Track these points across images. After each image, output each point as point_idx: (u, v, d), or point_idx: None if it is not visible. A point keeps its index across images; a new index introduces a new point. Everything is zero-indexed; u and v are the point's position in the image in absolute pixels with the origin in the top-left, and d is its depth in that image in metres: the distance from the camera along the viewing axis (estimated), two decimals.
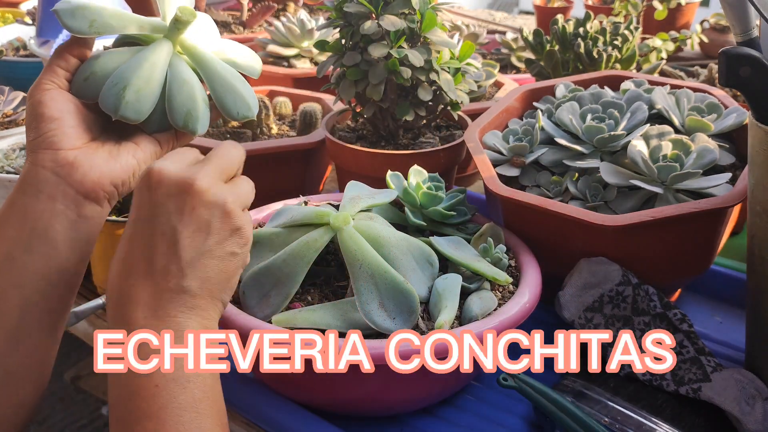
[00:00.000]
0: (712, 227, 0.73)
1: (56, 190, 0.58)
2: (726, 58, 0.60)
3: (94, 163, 0.60)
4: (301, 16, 1.39)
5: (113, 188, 0.61)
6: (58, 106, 0.60)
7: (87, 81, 0.63)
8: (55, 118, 0.59)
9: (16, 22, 1.54)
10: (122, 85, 0.62)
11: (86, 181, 0.59)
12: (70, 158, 0.59)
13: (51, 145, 0.59)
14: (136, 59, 0.64)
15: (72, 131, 0.60)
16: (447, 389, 0.69)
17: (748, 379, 0.67)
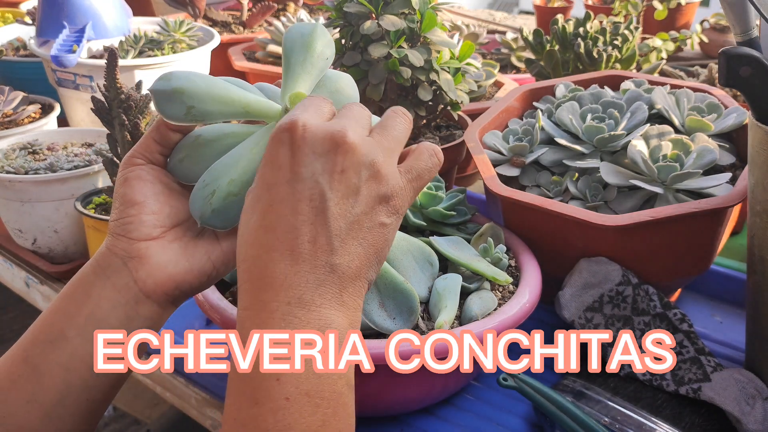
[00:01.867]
0: (712, 227, 0.73)
1: (121, 282, 0.54)
2: (726, 58, 0.60)
3: (163, 262, 0.54)
4: (301, 16, 1.39)
5: (178, 292, 0.55)
6: (143, 188, 0.55)
7: (182, 162, 0.57)
8: (136, 203, 0.54)
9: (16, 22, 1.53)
10: (211, 190, 0.54)
11: (149, 281, 0.54)
12: (141, 251, 0.54)
13: (127, 232, 0.54)
14: (234, 155, 0.55)
15: (151, 219, 0.55)
16: (447, 389, 0.69)
17: (748, 379, 0.67)
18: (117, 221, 0.55)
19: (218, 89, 0.55)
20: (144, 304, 0.54)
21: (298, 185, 0.45)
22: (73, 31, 1.22)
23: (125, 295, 0.54)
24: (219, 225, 0.55)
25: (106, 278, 0.54)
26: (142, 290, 0.54)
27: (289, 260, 0.44)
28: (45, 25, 1.24)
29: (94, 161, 0.98)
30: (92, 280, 0.55)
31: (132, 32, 1.34)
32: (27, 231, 0.97)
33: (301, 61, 0.56)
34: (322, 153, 0.45)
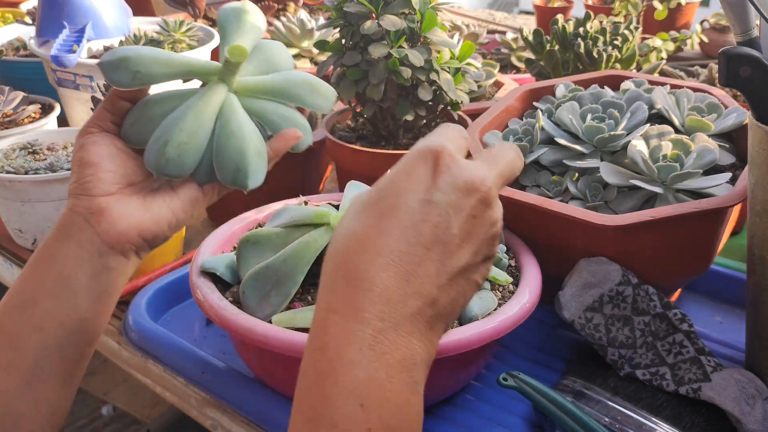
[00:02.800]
0: (712, 227, 0.73)
1: (84, 237, 0.57)
2: (726, 58, 0.60)
3: (124, 212, 0.58)
4: (301, 16, 1.39)
5: (141, 240, 0.59)
6: (98, 150, 0.59)
7: (134, 127, 0.61)
8: (93, 164, 0.58)
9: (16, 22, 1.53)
10: (164, 141, 0.59)
11: (112, 231, 0.57)
12: (101, 205, 0.57)
13: (86, 191, 0.58)
14: (183, 109, 0.60)
15: (107, 176, 0.58)
16: (447, 389, 0.69)
17: (748, 379, 0.67)
18: (76, 183, 0.58)
19: (160, 54, 0.61)
20: (109, 255, 0.58)
21: (429, 207, 0.42)
22: (73, 31, 1.22)
23: (89, 250, 0.57)
24: (174, 173, 0.60)
25: (69, 237, 0.57)
26: (106, 242, 0.57)
27: (395, 273, 0.41)
28: (45, 25, 1.24)
29: None
30: (56, 243, 0.58)
31: (132, 32, 1.34)
32: (27, 231, 0.97)
33: (235, 29, 0.63)
34: (461, 189, 0.43)
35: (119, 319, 0.84)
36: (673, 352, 0.70)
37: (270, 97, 0.65)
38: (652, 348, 0.71)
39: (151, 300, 0.82)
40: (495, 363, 0.76)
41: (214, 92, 0.61)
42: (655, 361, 0.70)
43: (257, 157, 0.61)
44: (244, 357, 0.69)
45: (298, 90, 0.65)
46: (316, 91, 0.66)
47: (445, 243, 0.42)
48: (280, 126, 0.65)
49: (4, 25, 1.54)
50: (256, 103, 0.64)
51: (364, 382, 0.39)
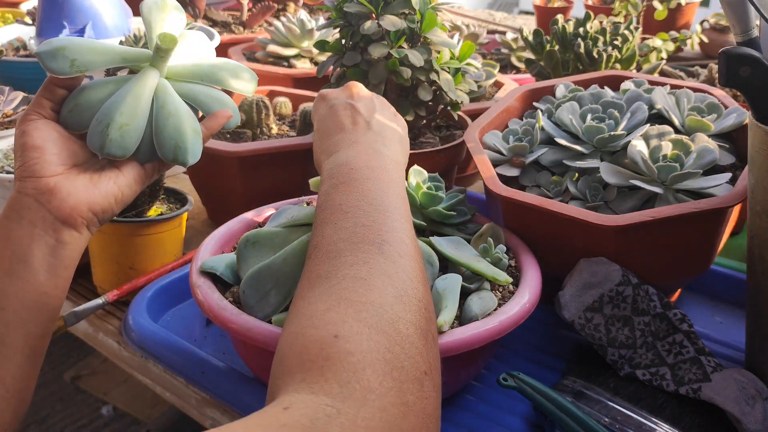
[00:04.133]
0: (712, 227, 0.73)
1: (36, 216, 0.60)
2: (726, 58, 0.60)
3: (73, 189, 0.61)
4: (301, 16, 1.39)
5: (92, 214, 0.62)
6: (41, 135, 0.62)
7: (72, 112, 0.64)
8: (37, 147, 0.61)
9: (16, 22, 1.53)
10: (106, 123, 0.63)
11: (64, 207, 0.60)
12: (50, 185, 0.61)
13: (33, 173, 0.61)
14: (121, 93, 0.65)
15: (53, 158, 0.62)
16: (447, 389, 0.69)
17: (748, 379, 0.66)
18: (22, 167, 0.61)
19: (96, 43, 0.66)
20: (62, 230, 0.61)
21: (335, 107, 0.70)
22: (73, 31, 1.22)
23: (42, 227, 0.60)
24: (118, 153, 0.63)
25: (20, 218, 0.60)
26: (58, 218, 0.60)
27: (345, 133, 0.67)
28: (45, 25, 1.23)
29: None
30: (7, 224, 0.60)
31: (132, 32, 1.33)
32: None
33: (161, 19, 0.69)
34: (341, 91, 0.72)
35: (119, 319, 0.84)
36: (673, 352, 0.70)
37: (198, 81, 0.70)
38: (652, 348, 0.71)
39: (151, 300, 0.82)
40: (495, 363, 0.76)
41: (147, 77, 0.66)
42: (655, 361, 0.70)
43: (194, 135, 0.67)
44: (244, 357, 0.69)
45: (224, 74, 0.71)
46: (238, 75, 0.72)
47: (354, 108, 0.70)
48: (211, 107, 0.70)
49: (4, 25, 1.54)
50: (186, 87, 0.69)
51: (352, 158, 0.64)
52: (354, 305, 0.45)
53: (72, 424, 1.69)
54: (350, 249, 0.51)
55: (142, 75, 0.66)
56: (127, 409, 1.70)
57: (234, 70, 0.72)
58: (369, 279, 0.47)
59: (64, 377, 1.81)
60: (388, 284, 0.47)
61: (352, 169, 0.60)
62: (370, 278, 0.47)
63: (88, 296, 0.88)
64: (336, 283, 0.47)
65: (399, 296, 0.47)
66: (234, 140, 1.01)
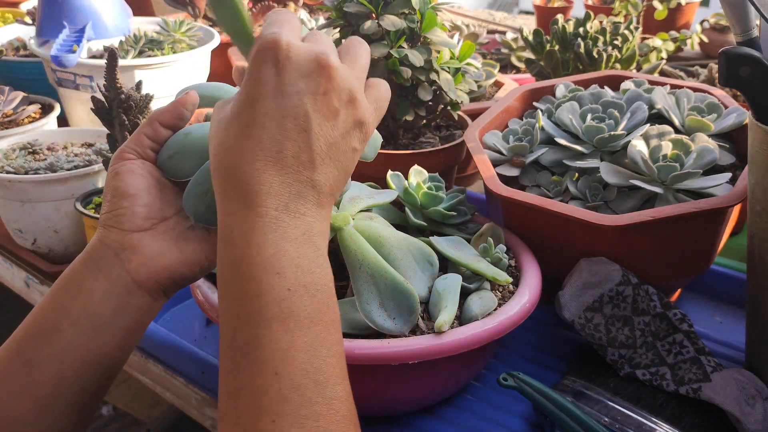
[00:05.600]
0: (712, 227, 0.73)
1: (113, 273, 0.55)
2: (726, 58, 0.60)
3: (156, 252, 0.55)
4: (301, 16, 1.39)
5: (171, 282, 0.56)
6: (134, 181, 0.56)
7: (172, 159, 0.58)
8: (128, 195, 0.55)
9: (16, 22, 1.53)
10: (205, 188, 0.55)
11: (142, 271, 0.55)
12: (133, 242, 0.55)
13: (119, 224, 0.55)
14: None
15: (143, 211, 0.55)
16: (447, 389, 0.69)
17: (748, 379, 0.67)
18: (109, 213, 0.56)
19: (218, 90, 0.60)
20: (136, 294, 0.55)
21: (284, 101, 0.46)
22: (73, 31, 1.22)
23: (117, 286, 0.55)
24: (213, 222, 0.56)
25: (98, 270, 0.55)
26: (135, 280, 0.55)
27: (274, 170, 0.46)
28: (45, 25, 1.24)
29: (94, 161, 0.98)
30: (84, 273, 0.55)
31: (132, 32, 1.34)
32: (27, 231, 0.97)
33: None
34: (306, 74, 0.47)
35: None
36: (673, 352, 0.70)
37: None
38: (652, 348, 0.71)
39: None
40: (495, 363, 0.76)
41: None
42: (655, 361, 0.70)
43: None
44: None
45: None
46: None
47: (308, 129, 0.47)
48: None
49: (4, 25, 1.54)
50: None
51: (275, 256, 0.45)
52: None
53: None
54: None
55: None
56: (127, 409, 1.70)
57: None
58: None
59: None
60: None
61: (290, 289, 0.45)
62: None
63: None
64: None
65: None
66: None
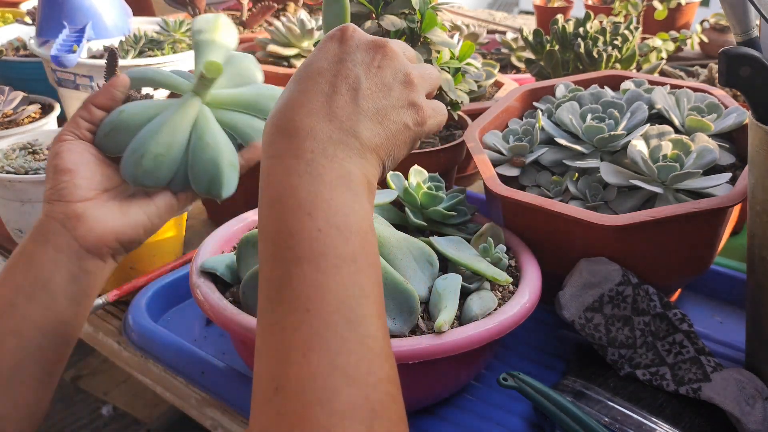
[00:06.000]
0: (712, 227, 0.73)
1: (62, 242, 0.58)
2: (726, 58, 0.60)
3: (102, 217, 0.60)
4: (301, 16, 1.39)
5: (118, 244, 0.61)
6: (73, 158, 0.61)
7: (108, 136, 0.63)
8: (68, 170, 0.60)
9: (16, 22, 1.53)
10: (140, 153, 0.61)
11: (90, 236, 0.59)
12: (78, 211, 0.59)
13: (62, 196, 0.59)
14: (159, 121, 0.63)
15: (84, 183, 0.60)
16: (447, 389, 0.69)
17: (748, 379, 0.67)
18: (52, 189, 0.60)
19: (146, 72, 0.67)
20: (86, 259, 0.59)
21: (339, 65, 0.50)
22: (73, 31, 1.22)
23: (67, 254, 0.58)
24: (150, 184, 0.62)
25: (46, 242, 0.58)
26: (84, 246, 0.59)
27: (318, 118, 0.48)
28: (45, 25, 1.24)
29: None
30: (32, 248, 0.59)
31: (132, 32, 1.34)
32: (27, 231, 0.96)
33: (209, 42, 0.67)
34: (365, 48, 0.51)
35: (119, 319, 0.84)
36: (673, 352, 0.70)
37: (241, 110, 0.68)
38: (652, 348, 0.71)
39: (151, 300, 0.82)
40: (495, 363, 0.76)
41: (188, 105, 0.64)
42: (655, 361, 0.70)
43: (230, 168, 0.65)
44: (244, 357, 0.69)
45: (269, 103, 0.68)
46: None
47: (357, 89, 0.50)
48: (252, 137, 0.67)
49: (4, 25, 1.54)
50: (228, 115, 0.67)
51: (307, 198, 0.45)
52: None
53: (72, 424, 1.69)
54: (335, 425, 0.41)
55: (182, 103, 0.64)
56: (127, 409, 1.70)
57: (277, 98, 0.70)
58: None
59: (64, 377, 1.81)
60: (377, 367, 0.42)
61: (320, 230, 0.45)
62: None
63: None
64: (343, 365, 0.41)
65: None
66: None
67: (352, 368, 0.41)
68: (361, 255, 0.46)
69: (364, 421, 0.39)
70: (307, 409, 0.39)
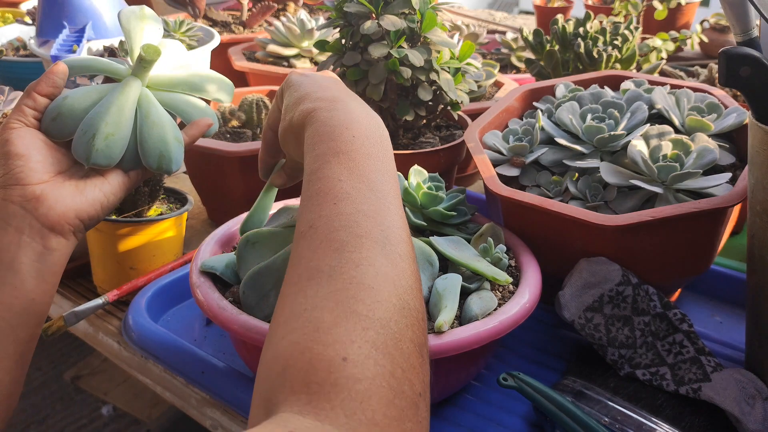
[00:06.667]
0: (712, 227, 0.73)
1: (23, 223, 0.60)
2: (726, 58, 0.60)
3: (60, 197, 0.62)
4: (301, 16, 1.39)
5: (78, 221, 0.63)
6: (24, 143, 0.63)
7: (55, 121, 0.65)
8: (21, 155, 0.62)
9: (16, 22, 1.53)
10: (91, 133, 0.64)
11: (51, 214, 0.61)
12: (36, 192, 0.61)
13: (18, 180, 0.61)
14: (105, 103, 0.66)
15: (38, 166, 0.62)
16: (447, 389, 0.69)
17: (748, 379, 0.67)
18: (6, 175, 0.62)
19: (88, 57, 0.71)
20: (50, 237, 0.61)
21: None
22: (73, 31, 1.22)
23: (29, 234, 0.60)
24: (104, 163, 0.65)
25: (6, 225, 0.60)
26: (46, 225, 0.61)
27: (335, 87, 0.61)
28: (45, 25, 1.24)
29: None
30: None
31: None
32: None
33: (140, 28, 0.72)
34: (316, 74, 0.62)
35: (119, 319, 0.84)
36: (673, 352, 0.70)
37: (178, 90, 0.72)
38: (652, 348, 0.71)
39: (151, 300, 0.82)
40: (495, 363, 0.76)
41: (130, 87, 0.68)
42: (655, 361, 0.70)
43: (177, 144, 0.69)
44: (244, 357, 0.69)
45: (204, 83, 0.73)
46: (218, 85, 0.75)
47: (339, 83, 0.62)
48: (192, 115, 0.72)
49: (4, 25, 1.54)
50: (166, 96, 0.71)
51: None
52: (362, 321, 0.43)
53: (72, 424, 1.69)
54: (353, 243, 0.47)
55: (125, 85, 0.67)
56: (127, 409, 1.70)
57: (211, 78, 0.74)
58: (376, 288, 0.45)
59: (64, 377, 1.81)
60: (393, 294, 0.45)
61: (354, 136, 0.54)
62: (377, 287, 0.45)
63: (88, 296, 0.88)
64: (342, 288, 0.45)
65: (402, 309, 0.45)
66: (234, 140, 1.01)
67: (372, 211, 0.50)
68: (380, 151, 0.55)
69: (378, 242, 0.48)
70: (333, 233, 0.48)
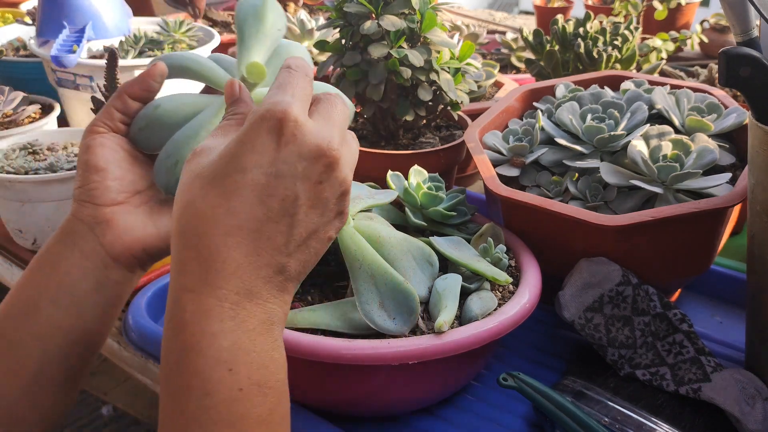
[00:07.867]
0: (712, 227, 0.73)
1: (89, 248, 0.55)
2: (726, 58, 0.60)
3: (131, 225, 0.56)
4: (301, 16, 1.39)
5: (145, 255, 0.57)
6: (105, 154, 0.56)
7: (143, 131, 0.58)
8: (100, 169, 0.56)
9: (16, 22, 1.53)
10: (174, 160, 0.56)
11: (117, 244, 0.56)
12: (107, 216, 0.56)
13: (92, 198, 0.56)
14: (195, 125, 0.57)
15: (115, 184, 0.56)
16: (447, 389, 0.69)
17: (748, 379, 0.67)
18: (81, 188, 0.56)
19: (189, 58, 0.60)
20: (112, 268, 0.56)
21: (276, 180, 0.43)
22: (73, 31, 1.22)
23: (93, 261, 0.55)
24: None
25: (73, 245, 0.55)
26: (110, 254, 0.55)
27: (245, 251, 0.43)
28: (45, 25, 1.24)
29: None
30: (59, 250, 0.56)
31: (132, 32, 1.34)
32: (27, 231, 0.96)
33: (255, 33, 0.59)
34: (306, 158, 0.44)
35: (119, 319, 0.84)
36: (673, 352, 0.70)
37: None
38: (652, 348, 0.71)
39: (151, 300, 0.82)
40: (495, 363, 0.76)
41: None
42: (655, 361, 0.70)
43: None
44: None
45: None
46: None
47: (293, 214, 0.44)
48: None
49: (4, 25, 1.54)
50: None
51: (229, 350, 0.42)
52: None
53: (72, 424, 1.69)
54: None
55: (222, 106, 0.57)
56: (127, 409, 1.70)
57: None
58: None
59: None
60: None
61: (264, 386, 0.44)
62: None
63: None
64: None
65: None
66: None
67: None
68: (277, 410, 0.44)
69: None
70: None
